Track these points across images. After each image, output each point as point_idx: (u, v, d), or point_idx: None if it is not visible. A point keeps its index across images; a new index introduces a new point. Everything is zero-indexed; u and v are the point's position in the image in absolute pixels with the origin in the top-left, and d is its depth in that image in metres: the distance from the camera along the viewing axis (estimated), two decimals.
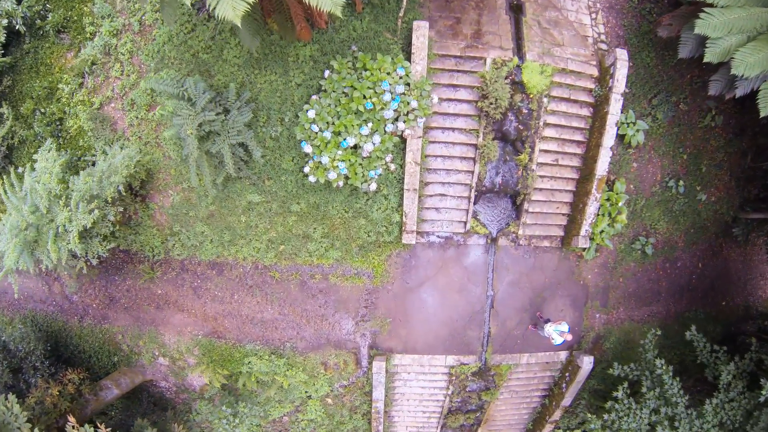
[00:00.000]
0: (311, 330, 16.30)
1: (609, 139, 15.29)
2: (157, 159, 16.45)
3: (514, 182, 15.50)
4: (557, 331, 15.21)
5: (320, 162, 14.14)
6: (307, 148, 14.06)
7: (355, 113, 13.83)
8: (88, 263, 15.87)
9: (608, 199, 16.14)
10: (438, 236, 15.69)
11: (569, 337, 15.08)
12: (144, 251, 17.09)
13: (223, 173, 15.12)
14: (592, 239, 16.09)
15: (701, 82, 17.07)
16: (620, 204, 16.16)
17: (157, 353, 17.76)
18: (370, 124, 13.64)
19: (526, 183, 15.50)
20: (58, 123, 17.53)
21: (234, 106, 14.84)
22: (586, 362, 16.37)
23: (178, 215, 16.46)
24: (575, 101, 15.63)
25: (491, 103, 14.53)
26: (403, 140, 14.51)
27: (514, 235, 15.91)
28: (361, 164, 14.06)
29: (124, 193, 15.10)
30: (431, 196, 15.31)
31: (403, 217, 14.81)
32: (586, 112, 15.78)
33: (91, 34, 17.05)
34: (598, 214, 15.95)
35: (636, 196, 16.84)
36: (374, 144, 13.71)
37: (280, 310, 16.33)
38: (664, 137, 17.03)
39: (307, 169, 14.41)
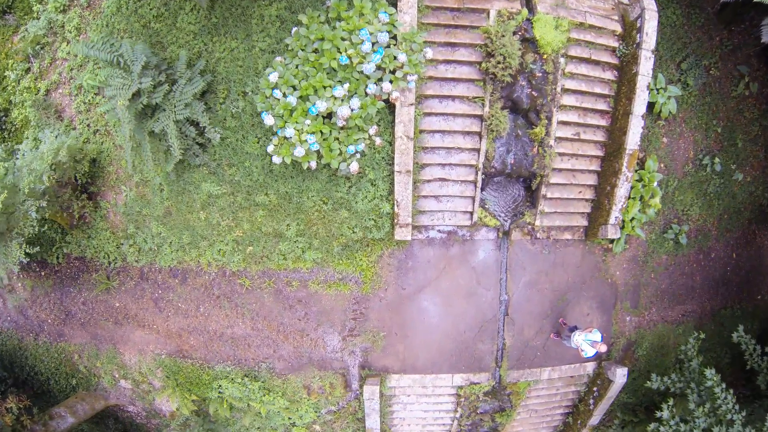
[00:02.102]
0: (290, 348, 11.13)
1: (640, 105, 10.27)
2: (107, 149, 11.45)
3: (529, 162, 10.35)
4: (588, 341, 10.05)
5: (285, 137, 9.00)
6: (269, 120, 8.99)
7: (327, 72, 8.73)
8: (17, 272, 10.88)
9: (639, 180, 10.99)
10: (439, 231, 10.53)
11: (603, 348, 9.92)
12: (99, 258, 12.00)
13: (173, 160, 10.05)
14: (622, 228, 10.90)
15: (732, 46, 12.22)
16: (654, 184, 11.02)
17: (117, 375, 12.62)
18: (346, 85, 8.55)
19: (543, 162, 10.35)
20: (3, 114, 12.54)
21: (184, 76, 9.78)
22: (620, 375, 11.17)
23: (131, 214, 11.46)
24: (597, 62, 10.57)
25: (498, 63, 9.46)
26: (391, 108, 9.43)
27: (530, 226, 10.75)
28: (337, 138, 8.99)
29: (62, 188, 10.13)
30: (429, 181, 10.17)
31: (395, 207, 9.70)
32: (609, 75, 10.69)
33: (38, 13, 12.10)
34: (630, 198, 10.78)
35: (667, 176, 11.68)
36: (352, 109, 8.60)
37: (253, 325, 11.19)
38: (695, 108, 11.98)
39: (270, 148, 9.29)
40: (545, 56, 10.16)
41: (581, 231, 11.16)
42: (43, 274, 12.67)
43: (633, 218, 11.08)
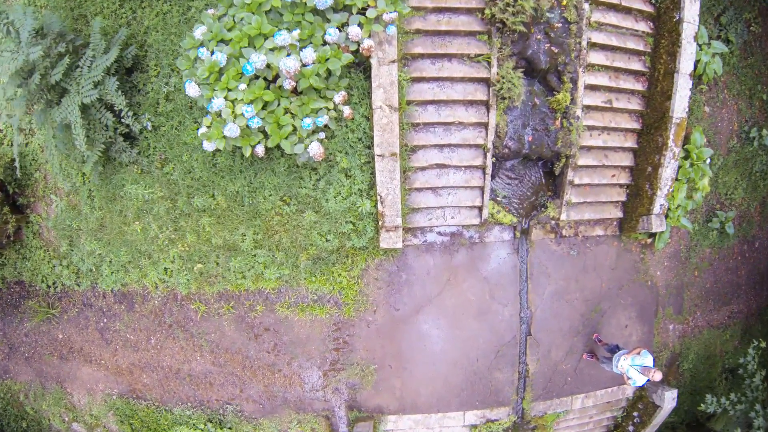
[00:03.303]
0: (259, 386, 7.77)
1: (687, 61, 6.94)
2: (32, 151, 8.14)
3: (552, 139, 6.95)
4: (637, 367, 6.70)
5: (219, 114, 5.61)
6: (192, 90, 5.60)
7: (270, 16, 5.33)
8: None
9: (686, 157, 7.60)
10: (439, 233, 7.16)
11: (657, 376, 6.58)
12: (37, 282, 8.70)
13: (92, 158, 6.76)
14: (667, 218, 7.53)
15: None
16: (705, 162, 7.65)
17: (67, 418, 9.23)
18: (296, 32, 5.16)
19: (568, 139, 6.96)
20: None
21: (95, 47, 6.44)
22: (668, 399, 7.81)
23: (63, 229, 8.17)
24: (628, 10, 7.24)
25: (507, 5, 6.11)
26: (367, 71, 6.04)
27: (553, 222, 7.35)
28: (288, 109, 5.56)
29: None
30: (423, 168, 6.78)
31: (379, 204, 6.27)
32: (644, 26, 7.32)
33: None
34: (677, 180, 7.42)
35: (713, 153, 8.27)
36: (304, 64, 5.19)
37: (214, 359, 7.83)
38: (737, 70, 8.58)
39: (202, 131, 5.91)
40: (565, 1, 6.79)
41: (615, 225, 7.77)
42: None
43: (678, 206, 7.72)
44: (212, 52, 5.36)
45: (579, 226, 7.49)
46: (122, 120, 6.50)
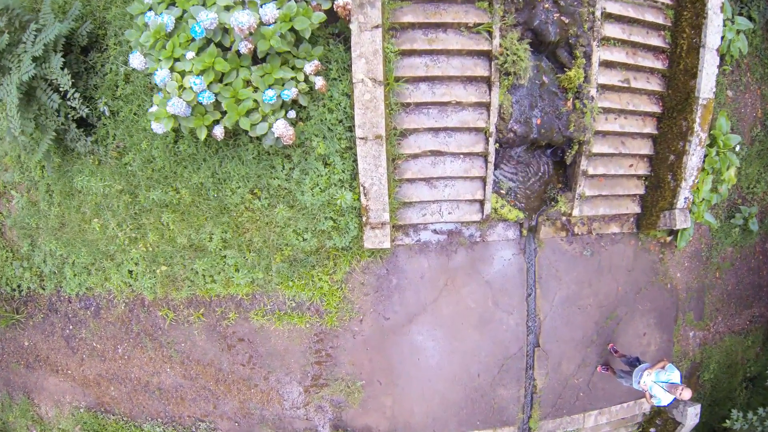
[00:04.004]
0: (234, 402, 6.45)
1: (714, 34, 5.62)
2: None
3: (563, 122, 5.62)
4: (663, 384, 5.34)
5: (168, 89, 4.29)
6: (137, 61, 4.27)
7: None
8: None
9: (711, 145, 6.27)
10: (435, 231, 5.83)
11: (686, 395, 5.25)
12: (1, 284, 7.45)
13: (43, 146, 5.46)
14: (692, 213, 6.20)
15: None
16: (733, 150, 6.34)
17: (35, 431, 7.95)
18: None
19: (581, 123, 5.63)
20: None
21: (47, 22, 5.16)
22: (691, 416, 6.47)
23: (24, 228, 6.87)
24: None
25: None
26: (345, 39, 4.74)
27: (565, 218, 6.01)
28: (247, 79, 4.22)
29: None
30: (416, 156, 5.46)
31: (362, 197, 4.92)
32: None
33: None
34: (703, 170, 6.09)
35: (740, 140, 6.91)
36: (263, 19, 3.88)
37: (184, 372, 6.52)
38: (760, 51, 7.21)
39: (152, 110, 4.60)
40: None
41: (632, 221, 6.43)
42: None
43: (703, 199, 6.38)
44: (157, 14, 4.08)
45: (593, 222, 6.16)
46: (69, 103, 5.23)
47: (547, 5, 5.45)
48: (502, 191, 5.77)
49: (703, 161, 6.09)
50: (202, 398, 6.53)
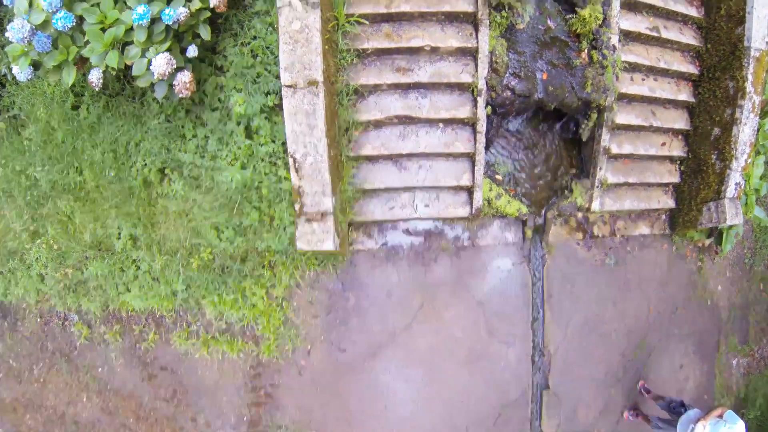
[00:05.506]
0: None
1: None
2: None
3: (577, 81, 4.21)
4: None
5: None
6: None
7: None
8: None
9: (762, 116, 5.00)
10: (408, 231, 4.32)
11: None
12: None
13: None
14: (745, 205, 4.90)
15: None
16: None
17: None
18: None
19: (601, 81, 4.24)
20: None
21: None
22: None
23: None
24: None
25: None
26: None
27: (582, 215, 4.56)
28: None
29: None
30: (379, 124, 3.98)
31: (292, 173, 3.33)
32: None
33: None
34: (754, 149, 4.81)
35: None
36: None
37: (103, 403, 4.80)
38: None
39: (8, 49, 3.01)
40: None
41: (664, 219, 5.05)
42: None
43: (754, 189, 5.10)
44: None
45: (616, 221, 4.75)
46: None
47: None
48: (497, 176, 4.31)
49: (756, 136, 4.81)
50: None
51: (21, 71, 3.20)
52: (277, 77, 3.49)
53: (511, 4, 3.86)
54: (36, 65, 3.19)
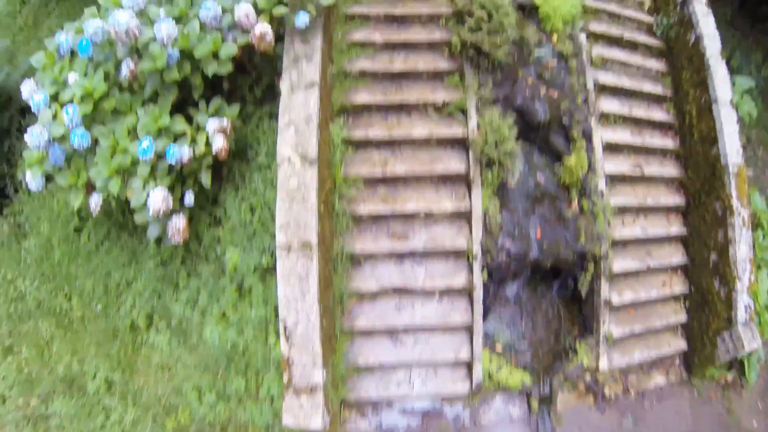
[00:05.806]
0: None
1: (722, 84, 4.45)
2: None
3: (570, 233, 3.99)
4: None
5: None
6: (26, 89, 3.30)
7: None
8: None
9: (754, 228, 4.90)
10: (404, 411, 3.79)
11: None
12: None
13: None
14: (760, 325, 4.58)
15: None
16: None
17: None
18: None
19: (594, 230, 4.03)
20: None
21: None
22: None
23: None
24: (633, 45, 4.85)
25: (480, 20, 3.47)
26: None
27: (590, 377, 4.12)
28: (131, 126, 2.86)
29: None
30: (375, 296, 3.60)
31: (282, 341, 2.76)
32: (655, 64, 4.91)
33: None
34: (755, 264, 4.59)
35: None
36: (156, 35, 2.76)
37: None
38: (764, 119, 6.35)
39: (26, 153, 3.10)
40: (555, 34, 4.30)
41: (678, 363, 4.65)
42: None
43: (765, 306, 4.83)
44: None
45: (627, 376, 4.34)
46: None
47: (530, 79, 4.12)
48: (498, 345, 3.89)
49: (753, 251, 4.62)
50: None
51: (33, 179, 3.17)
52: (273, 236, 3.16)
53: (501, 161, 3.69)
54: (48, 178, 3.20)
